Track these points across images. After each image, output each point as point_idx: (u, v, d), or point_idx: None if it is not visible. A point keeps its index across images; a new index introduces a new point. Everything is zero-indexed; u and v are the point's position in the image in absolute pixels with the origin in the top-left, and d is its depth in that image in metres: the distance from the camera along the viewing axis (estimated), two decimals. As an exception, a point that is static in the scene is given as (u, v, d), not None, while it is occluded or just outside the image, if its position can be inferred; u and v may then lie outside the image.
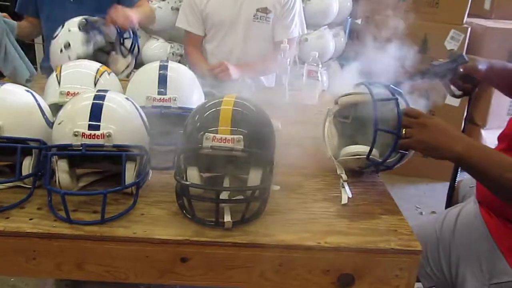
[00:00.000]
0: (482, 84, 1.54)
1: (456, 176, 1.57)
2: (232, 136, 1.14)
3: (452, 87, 1.53)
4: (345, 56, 3.80)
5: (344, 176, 1.33)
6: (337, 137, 1.43)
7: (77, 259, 1.13)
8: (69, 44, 1.95)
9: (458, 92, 1.54)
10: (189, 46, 2.46)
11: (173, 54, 3.35)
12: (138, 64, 2.37)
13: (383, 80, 1.41)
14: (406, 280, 1.15)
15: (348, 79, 1.50)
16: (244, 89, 2.12)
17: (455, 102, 3.59)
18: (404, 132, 1.23)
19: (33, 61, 4.64)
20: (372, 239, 1.15)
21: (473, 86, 1.52)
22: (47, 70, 2.30)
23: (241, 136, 1.14)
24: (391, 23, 3.39)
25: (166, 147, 1.45)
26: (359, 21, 3.82)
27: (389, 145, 1.29)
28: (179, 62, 2.77)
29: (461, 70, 1.48)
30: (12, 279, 2.56)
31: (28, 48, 4.68)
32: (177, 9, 3.37)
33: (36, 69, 4.64)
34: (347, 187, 1.31)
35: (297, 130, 1.77)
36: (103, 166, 1.32)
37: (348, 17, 3.95)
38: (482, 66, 1.48)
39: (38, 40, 4.68)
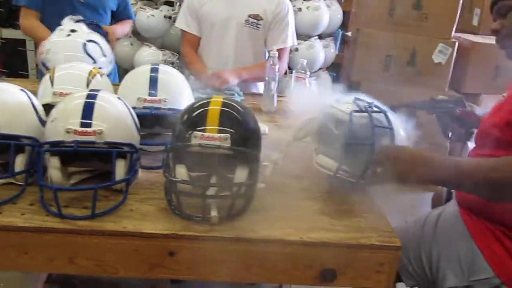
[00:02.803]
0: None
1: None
2: (219, 134, 1.18)
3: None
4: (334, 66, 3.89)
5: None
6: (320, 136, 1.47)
7: (69, 253, 1.16)
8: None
9: (453, 137, 1.63)
10: (186, 47, 2.51)
11: (165, 61, 3.40)
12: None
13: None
14: (386, 276, 1.20)
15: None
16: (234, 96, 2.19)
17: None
18: (378, 170, 1.25)
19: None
20: (354, 236, 1.19)
21: (467, 134, 1.60)
22: None
23: (228, 135, 1.18)
24: (380, 36, 3.48)
25: (155, 148, 1.50)
26: (349, 33, 3.91)
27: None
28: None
29: (458, 111, 1.57)
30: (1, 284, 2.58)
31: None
32: (170, 17, 3.44)
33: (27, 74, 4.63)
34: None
35: (284, 134, 1.81)
36: (94, 165, 1.35)
37: (339, 29, 4.04)
38: (479, 112, 1.58)
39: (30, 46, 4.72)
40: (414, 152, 1.27)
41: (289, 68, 3.37)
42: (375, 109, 1.38)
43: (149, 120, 1.57)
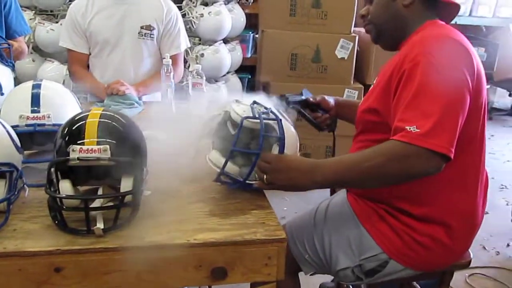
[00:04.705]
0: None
1: None
2: (98, 146, 1.19)
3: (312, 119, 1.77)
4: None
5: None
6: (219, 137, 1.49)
7: (-51, 281, 1.13)
8: None
9: (323, 127, 1.80)
10: (75, 65, 2.46)
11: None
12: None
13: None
14: (275, 268, 1.24)
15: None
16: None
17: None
18: (265, 178, 1.30)
19: None
20: (240, 232, 1.23)
21: (332, 122, 1.79)
22: None
23: (107, 146, 1.19)
24: (284, 36, 3.57)
25: (45, 165, 1.47)
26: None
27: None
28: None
29: (311, 99, 1.74)
30: None
31: None
32: (71, 31, 3.36)
33: None
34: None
35: (181, 140, 1.83)
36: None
37: (251, 32, 4.11)
38: (329, 99, 1.77)
39: None
40: (296, 160, 1.33)
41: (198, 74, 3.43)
42: (271, 115, 1.40)
43: (40, 137, 1.54)
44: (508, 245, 3.01)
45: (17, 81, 3.03)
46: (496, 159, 4.33)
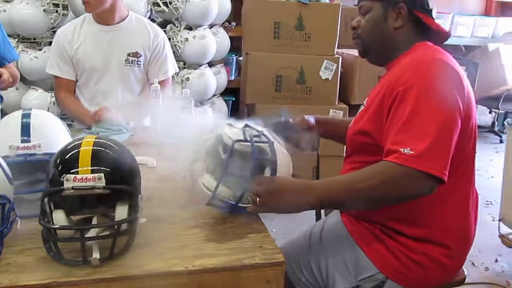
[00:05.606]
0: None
1: None
2: (93, 174, 1.17)
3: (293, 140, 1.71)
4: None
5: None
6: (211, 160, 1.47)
7: None
8: None
9: (305, 146, 1.75)
10: (62, 92, 2.44)
11: (54, 103, 3.29)
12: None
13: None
14: (275, 292, 1.23)
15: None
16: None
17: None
18: (258, 200, 1.28)
19: None
20: (238, 257, 1.22)
21: (314, 141, 1.76)
22: None
23: (102, 174, 1.17)
24: (268, 58, 3.61)
25: (36, 195, 1.45)
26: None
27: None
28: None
29: (291, 121, 1.70)
30: None
31: None
32: (55, 59, 3.35)
33: None
34: None
35: (172, 166, 1.82)
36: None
37: (234, 55, 4.13)
38: (309, 118, 1.74)
39: None
40: (288, 182, 1.32)
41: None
42: (263, 138, 1.40)
43: (29, 167, 1.52)
44: (496, 260, 3.03)
45: (1, 111, 3.01)
46: (480, 175, 4.37)
